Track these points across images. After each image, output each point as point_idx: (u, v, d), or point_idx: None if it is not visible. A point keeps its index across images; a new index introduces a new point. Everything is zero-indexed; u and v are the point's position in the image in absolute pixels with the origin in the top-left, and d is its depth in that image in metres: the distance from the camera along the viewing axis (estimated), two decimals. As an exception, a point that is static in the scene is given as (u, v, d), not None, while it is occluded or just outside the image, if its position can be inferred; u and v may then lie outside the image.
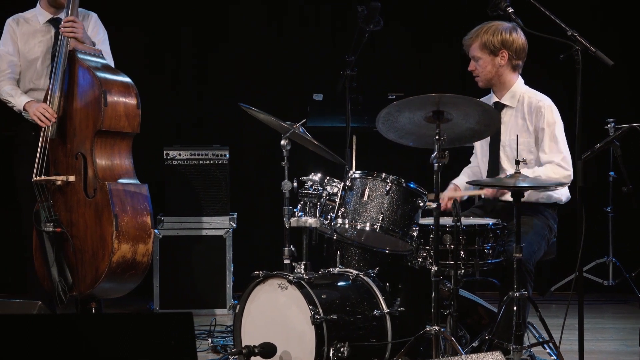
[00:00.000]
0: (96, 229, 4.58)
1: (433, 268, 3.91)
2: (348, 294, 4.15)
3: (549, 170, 4.36)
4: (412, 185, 4.17)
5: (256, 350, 3.89)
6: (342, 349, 3.92)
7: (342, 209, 4.16)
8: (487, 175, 4.60)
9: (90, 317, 4.28)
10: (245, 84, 6.60)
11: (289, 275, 4.03)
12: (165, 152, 5.90)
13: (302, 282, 4.00)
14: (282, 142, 4.25)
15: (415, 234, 4.14)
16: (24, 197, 4.84)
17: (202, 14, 6.60)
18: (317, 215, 4.17)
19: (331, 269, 4.33)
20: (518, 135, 4.22)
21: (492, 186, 4.45)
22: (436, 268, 3.90)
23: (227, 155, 5.92)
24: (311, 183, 4.22)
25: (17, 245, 5.22)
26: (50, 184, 4.66)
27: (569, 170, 4.38)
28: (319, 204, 4.18)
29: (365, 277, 4.24)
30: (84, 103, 4.67)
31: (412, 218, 4.15)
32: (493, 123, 4.12)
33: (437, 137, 3.89)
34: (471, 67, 4.59)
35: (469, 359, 3.49)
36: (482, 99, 4.63)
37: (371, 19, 4.99)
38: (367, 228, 4.14)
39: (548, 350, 4.32)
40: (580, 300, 3.91)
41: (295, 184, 4.23)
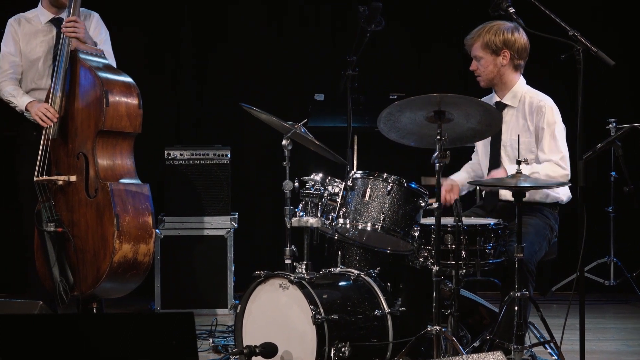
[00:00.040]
0: (97, 228, 4.58)
1: (434, 268, 3.91)
2: (349, 294, 4.15)
3: (548, 168, 4.36)
4: (413, 186, 4.17)
5: (257, 350, 3.89)
6: (343, 349, 3.92)
7: (344, 209, 4.16)
8: (489, 173, 4.60)
9: (92, 317, 4.28)
10: (247, 84, 6.59)
11: (290, 275, 4.02)
12: (166, 152, 5.89)
13: (304, 282, 4.00)
14: (284, 142, 4.26)
15: (416, 234, 4.14)
16: (25, 197, 4.84)
17: (203, 14, 6.60)
18: (319, 215, 4.17)
19: (332, 269, 4.33)
20: (519, 135, 4.22)
21: (492, 186, 4.45)
22: (437, 268, 3.90)
23: (229, 155, 5.91)
24: (312, 183, 4.22)
25: (18, 245, 5.22)
26: (51, 183, 4.66)
27: (566, 169, 4.38)
28: (320, 204, 4.18)
29: (366, 277, 4.23)
30: (85, 103, 4.67)
31: (413, 218, 4.15)
32: (494, 123, 4.12)
33: (439, 137, 3.89)
34: (473, 66, 4.59)
35: (470, 359, 3.49)
36: (483, 98, 4.63)
37: (372, 19, 4.99)
38: (369, 228, 4.13)
39: (549, 350, 4.32)
40: (582, 300, 3.90)
41: (296, 184, 4.23)
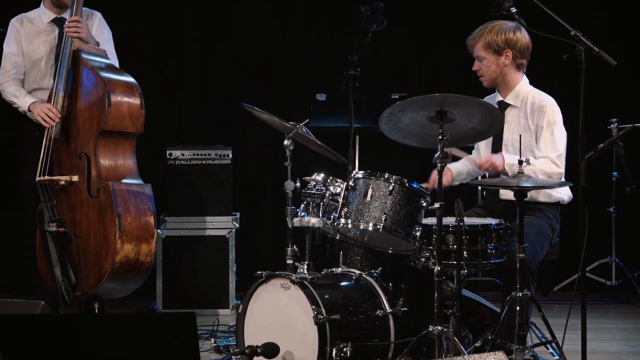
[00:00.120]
0: (99, 229, 4.58)
1: (436, 268, 3.91)
2: (351, 294, 4.15)
3: (543, 164, 4.34)
4: (415, 186, 4.17)
5: (259, 350, 3.89)
6: (344, 349, 3.92)
7: (345, 209, 4.16)
8: (490, 174, 4.60)
9: (93, 317, 4.29)
10: (248, 84, 6.60)
11: (291, 275, 4.02)
12: (168, 152, 5.90)
13: (305, 282, 4.00)
14: (285, 142, 4.25)
15: (418, 234, 4.13)
16: (27, 197, 4.84)
17: (205, 14, 6.61)
18: (320, 215, 4.17)
19: (334, 269, 4.33)
20: (521, 136, 4.22)
21: (493, 186, 4.44)
22: (439, 268, 3.90)
23: (230, 155, 5.92)
24: (314, 183, 4.22)
25: (20, 245, 5.22)
26: (53, 183, 4.66)
27: (561, 168, 4.37)
28: (321, 204, 4.18)
29: (368, 277, 4.23)
30: (87, 103, 4.67)
31: (415, 218, 4.15)
32: (496, 123, 4.12)
33: (440, 137, 3.89)
34: (475, 67, 4.58)
35: (471, 359, 3.49)
36: (486, 97, 4.64)
37: (374, 19, 4.99)
38: (370, 228, 4.13)
39: (551, 350, 4.32)
40: (583, 300, 3.90)
41: (298, 184, 4.23)
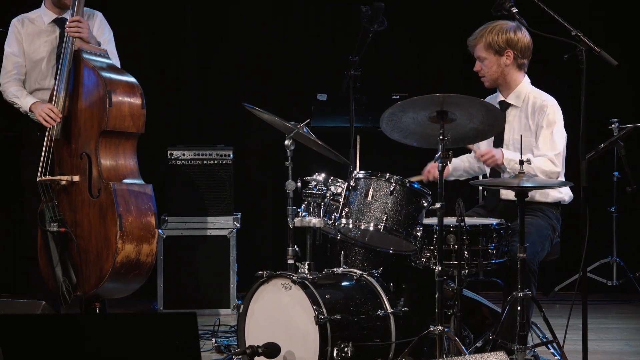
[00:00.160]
0: (100, 229, 4.58)
1: (437, 268, 3.91)
2: (352, 294, 4.15)
3: (541, 162, 4.33)
4: (416, 186, 4.17)
5: (260, 350, 3.89)
6: (345, 349, 3.92)
7: (346, 209, 4.16)
8: (490, 173, 4.60)
9: (94, 317, 4.29)
10: (249, 84, 6.60)
11: (292, 275, 4.02)
12: (169, 152, 5.90)
13: (306, 282, 4.00)
14: (286, 142, 4.25)
15: (419, 234, 4.13)
16: (28, 197, 4.84)
17: (205, 14, 6.60)
18: (321, 215, 4.17)
19: (335, 269, 4.33)
20: (522, 136, 4.22)
21: (494, 186, 4.44)
22: (440, 268, 3.90)
23: (231, 155, 5.92)
24: (315, 183, 4.22)
25: (21, 245, 5.23)
26: (54, 183, 4.66)
27: (558, 167, 4.36)
28: (322, 204, 4.18)
29: (369, 277, 4.23)
30: (88, 103, 4.67)
31: (415, 218, 4.15)
32: (497, 123, 4.12)
33: (441, 137, 3.89)
34: (477, 67, 4.58)
35: (472, 359, 3.49)
36: (488, 98, 4.64)
37: (375, 19, 4.98)
38: (371, 228, 4.13)
39: (552, 350, 4.32)
40: (584, 300, 3.91)
41: (299, 184, 4.23)
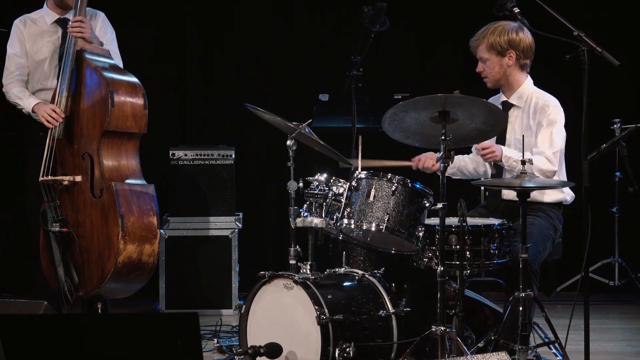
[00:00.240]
0: (102, 229, 4.58)
1: (439, 268, 3.91)
2: (354, 294, 4.15)
3: (537, 160, 4.32)
4: (417, 186, 4.17)
5: (262, 351, 3.89)
6: (347, 349, 3.92)
7: (348, 209, 4.16)
8: (492, 173, 4.60)
9: (96, 317, 4.28)
10: (251, 84, 6.60)
11: (294, 276, 4.03)
12: (171, 152, 5.90)
13: (308, 282, 4.00)
14: (288, 142, 4.25)
15: (421, 234, 4.13)
16: (30, 197, 4.84)
17: (208, 14, 6.61)
18: (323, 215, 4.17)
19: (337, 269, 4.33)
20: (524, 136, 4.21)
21: (496, 186, 4.44)
22: (442, 268, 3.90)
23: (233, 156, 5.92)
24: (317, 183, 4.22)
25: (22, 245, 5.23)
26: (57, 184, 4.67)
27: (555, 166, 4.36)
28: (324, 204, 4.18)
29: (370, 278, 4.23)
30: (91, 103, 4.67)
31: (417, 218, 4.15)
32: (499, 123, 4.12)
33: (443, 137, 3.89)
34: (479, 68, 4.58)
35: (474, 359, 3.49)
36: (491, 98, 4.64)
37: (377, 19, 4.99)
38: (373, 228, 4.14)
39: (554, 350, 4.32)
40: (586, 300, 3.90)
41: (301, 184, 4.23)
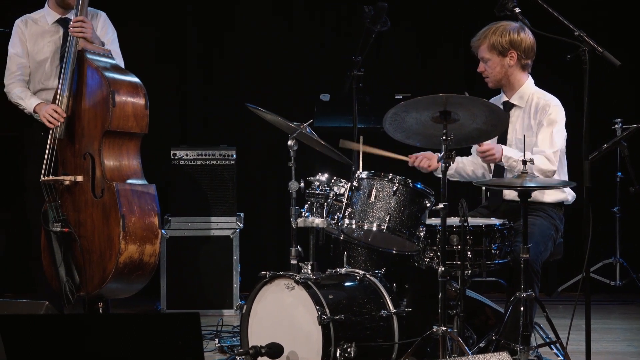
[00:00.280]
0: (103, 229, 4.58)
1: (440, 268, 3.91)
2: (355, 295, 4.15)
3: (537, 160, 4.32)
4: (419, 186, 4.17)
5: (263, 351, 3.88)
6: (349, 350, 3.92)
7: (349, 210, 4.16)
8: (493, 173, 4.60)
9: (98, 317, 4.29)
10: (252, 84, 6.60)
11: (295, 276, 4.03)
12: (172, 152, 5.90)
13: (309, 282, 4.00)
14: (289, 142, 4.25)
15: (422, 234, 4.13)
16: (32, 197, 4.84)
17: (208, 14, 6.61)
18: (324, 215, 4.17)
19: (338, 270, 4.33)
20: (525, 136, 4.21)
21: (497, 186, 4.44)
22: (443, 268, 3.90)
23: (234, 156, 5.92)
24: (318, 183, 4.22)
25: (23, 245, 5.23)
26: (58, 184, 4.67)
27: (555, 166, 4.36)
28: (325, 204, 4.18)
29: (372, 278, 4.23)
30: (92, 103, 4.67)
31: (419, 218, 4.15)
32: (500, 123, 4.11)
33: (444, 137, 3.89)
34: (480, 68, 4.58)
35: (475, 359, 3.49)
36: (493, 98, 4.63)
37: (378, 19, 4.99)
38: (374, 228, 4.13)
39: (555, 350, 4.32)
40: (587, 300, 3.90)
41: (302, 185, 4.23)
